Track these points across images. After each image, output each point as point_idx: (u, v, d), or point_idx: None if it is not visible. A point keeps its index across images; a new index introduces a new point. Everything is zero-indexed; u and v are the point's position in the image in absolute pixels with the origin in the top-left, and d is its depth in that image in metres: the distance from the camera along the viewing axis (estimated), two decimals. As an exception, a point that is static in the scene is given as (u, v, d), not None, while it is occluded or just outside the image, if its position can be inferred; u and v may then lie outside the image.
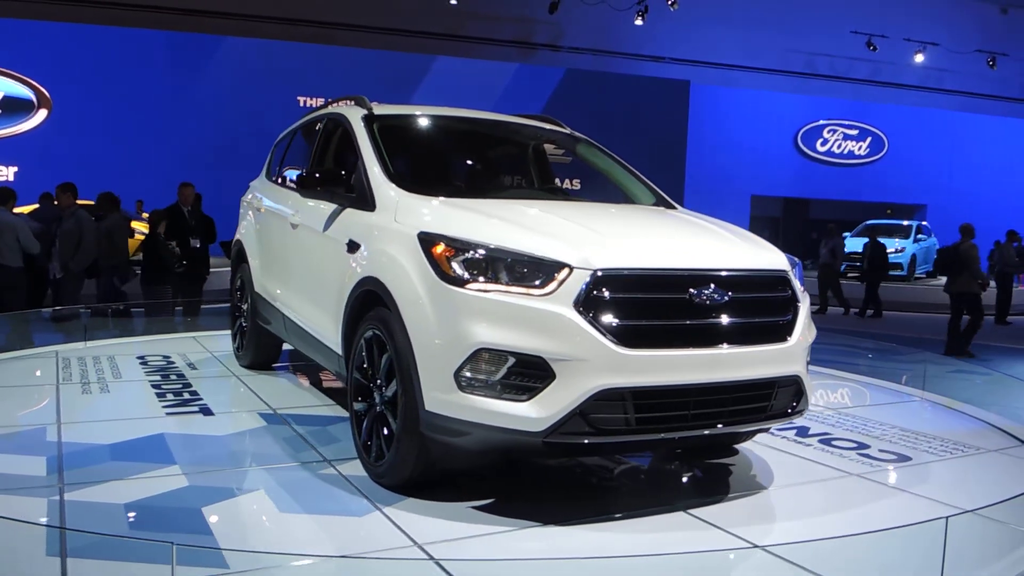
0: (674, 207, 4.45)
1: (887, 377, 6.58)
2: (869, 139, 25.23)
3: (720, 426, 3.23)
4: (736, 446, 4.23)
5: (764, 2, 22.28)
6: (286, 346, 5.62)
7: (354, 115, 4.42)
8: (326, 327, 4.12)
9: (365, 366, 3.59)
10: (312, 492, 3.42)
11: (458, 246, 3.15)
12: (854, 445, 4.49)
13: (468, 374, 3.01)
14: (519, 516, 3.20)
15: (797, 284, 3.51)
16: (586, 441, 3.00)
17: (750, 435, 4.05)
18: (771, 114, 24.04)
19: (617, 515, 3.32)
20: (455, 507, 3.26)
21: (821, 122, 24.79)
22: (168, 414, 4.54)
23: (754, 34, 22.70)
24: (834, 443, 4.51)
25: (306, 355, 4.83)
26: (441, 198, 3.74)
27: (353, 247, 3.78)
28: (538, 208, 3.78)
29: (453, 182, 4.80)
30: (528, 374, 2.95)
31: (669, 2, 20.26)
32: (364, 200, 3.87)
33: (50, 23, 17.96)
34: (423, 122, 4.77)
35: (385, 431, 3.42)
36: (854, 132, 25.11)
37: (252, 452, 3.98)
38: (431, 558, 2.81)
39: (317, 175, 4.12)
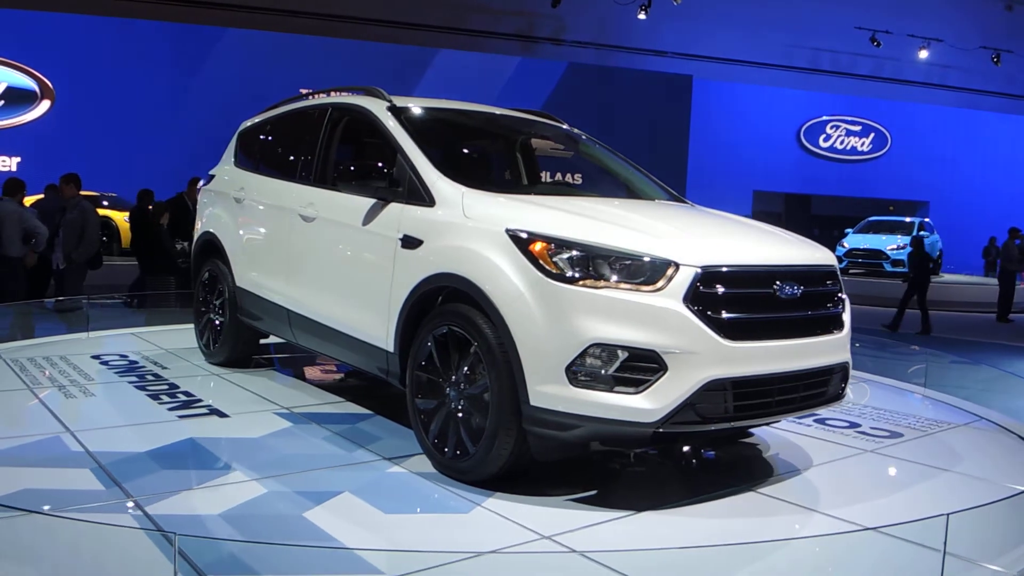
0: (693, 205, 4.58)
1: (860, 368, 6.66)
2: (872, 135, 25.20)
3: (793, 411, 3.48)
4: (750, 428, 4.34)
5: (768, -3, 22.23)
6: (269, 340, 5.52)
7: (377, 107, 4.36)
8: (367, 323, 4.01)
9: (424, 363, 3.60)
10: (398, 491, 3.36)
11: (560, 244, 3.20)
12: (846, 424, 4.75)
13: (580, 369, 3.07)
14: (610, 506, 3.23)
15: (841, 278, 3.76)
16: (693, 429, 3.14)
17: None
18: (774, 109, 24.01)
19: (698, 499, 3.41)
20: (551, 499, 3.28)
21: (824, 118, 24.76)
22: (180, 417, 4.27)
23: (757, 29, 22.63)
24: (827, 423, 4.75)
25: (317, 351, 4.69)
26: (509, 194, 3.82)
27: (412, 243, 3.72)
28: (605, 205, 3.86)
29: (497, 177, 4.81)
30: (641, 367, 3.05)
31: (672, -4, 20.22)
32: (416, 195, 3.82)
33: (53, 14, 17.93)
34: (448, 116, 4.74)
35: (463, 427, 3.42)
36: (857, 128, 25.09)
37: (304, 454, 3.78)
38: (573, 550, 2.82)
39: (353, 168, 4.06)
